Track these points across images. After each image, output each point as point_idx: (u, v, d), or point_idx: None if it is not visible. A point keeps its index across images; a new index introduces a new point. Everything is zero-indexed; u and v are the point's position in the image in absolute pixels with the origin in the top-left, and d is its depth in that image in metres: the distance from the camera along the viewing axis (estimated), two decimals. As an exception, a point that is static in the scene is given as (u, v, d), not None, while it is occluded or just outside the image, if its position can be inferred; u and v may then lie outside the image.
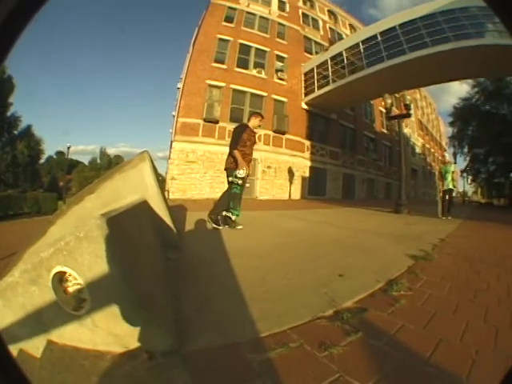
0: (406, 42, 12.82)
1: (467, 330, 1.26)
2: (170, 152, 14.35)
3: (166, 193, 12.80)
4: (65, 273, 0.99)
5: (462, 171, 28.45)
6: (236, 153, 3.79)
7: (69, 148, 19.97)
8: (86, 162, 52.95)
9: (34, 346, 1.06)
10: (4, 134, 24.96)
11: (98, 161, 52.67)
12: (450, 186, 7.31)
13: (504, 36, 10.20)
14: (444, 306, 1.52)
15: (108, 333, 1.02)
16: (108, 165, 49.24)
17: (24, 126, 26.34)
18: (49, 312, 1.02)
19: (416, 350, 1.08)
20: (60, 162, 44.48)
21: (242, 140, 3.85)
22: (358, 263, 2.34)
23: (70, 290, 1.01)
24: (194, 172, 13.76)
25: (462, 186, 30.71)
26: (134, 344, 1.02)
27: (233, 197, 3.98)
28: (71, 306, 1.01)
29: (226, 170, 4.06)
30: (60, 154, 46.78)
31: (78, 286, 1.00)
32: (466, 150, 26.64)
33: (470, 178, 28.61)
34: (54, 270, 0.98)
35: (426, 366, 0.99)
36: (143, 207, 2.03)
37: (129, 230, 1.31)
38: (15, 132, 25.59)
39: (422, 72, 13.15)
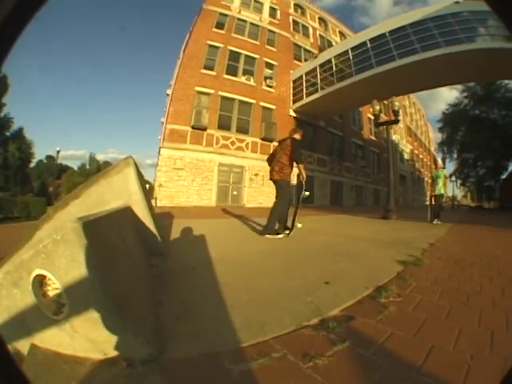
0: (396, 48, 12.98)
1: (461, 335, 1.23)
2: (158, 159, 14.20)
3: (153, 200, 12.59)
4: (44, 276, 0.99)
5: (451, 175, 29.20)
6: (302, 167, 4.01)
7: (58, 152, 19.64)
8: (76, 168, 52.49)
9: (20, 349, 1.04)
10: None
11: (87, 166, 52.11)
12: (442, 192, 7.41)
13: (495, 39, 10.49)
14: (435, 312, 1.49)
15: (86, 339, 1.01)
16: (97, 170, 48.76)
17: (16, 128, 25.95)
18: (31, 315, 1.02)
19: (407, 358, 1.05)
20: (50, 166, 43.87)
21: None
22: (345, 270, 2.32)
23: (50, 293, 1.01)
24: (182, 179, 13.62)
25: (452, 190, 31.50)
26: (113, 351, 1.00)
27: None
28: (51, 310, 1.01)
29: (276, 180, 4.16)
30: (50, 158, 46.21)
31: (58, 291, 0.99)
32: (455, 155, 27.40)
33: (460, 182, 29.38)
34: (34, 273, 0.98)
35: (418, 374, 0.95)
36: (126, 213, 2.02)
37: (108, 235, 1.30)
38: (7, 133, 25.19)
39: (412, 78, 13.31)
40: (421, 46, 12.19)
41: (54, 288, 1.00)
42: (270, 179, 4.27)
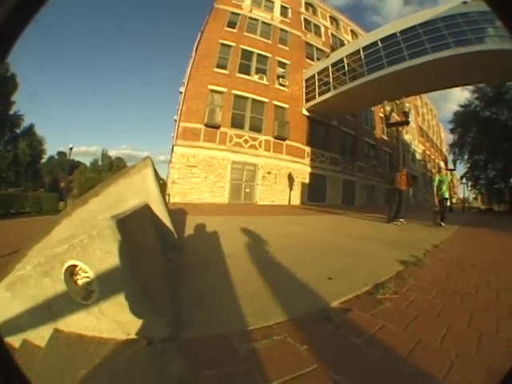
0: (407, 48, 12.95)
1: (448, 334, 1.31)
2: (172, 156, 14.56)
3: (166, 197, 13.01)
4: (76, 266, 1.13)
5: (462, 177, 28.95)
6: None
7: (71, 149, 20.14)
8: (88, 164, 53.28)
9: (39, 336, 1.18)
10: (6, 132, 25.42)
11: (100, 162, 52.95)
12: (446, 196, 7.58)
13: (505, 40, 10.35)
14: (428, 310, 1.59)
15: (113, 320, 1.15)
16: (109, 166, 49.63)
17: (26, 125, 26.77)
18: (59, 302, 1.16)
19: (394, 349, 1.16)
20: (61, 162, 44.77)
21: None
22: (348, 267, 2.46)
23: (80, 282, 1.15)
24: (195, 176, 13.97)
25: (462, 192, 31.18)
26: (136, 331, 1.15)
27: None
28: (81, 296, 1.15)
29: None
30: (61, 154, 47.08)
31: (88, 279, 1.14)
32: (466, 156, 27.20)
33: (470, 184, 29.11)
34: (67, 264, 1.12)
35: (402, 365, 1.06)
36: (145, 211, 2.16)
37: (134, 232, 1.43)
38: (17, 131, 26.07)
39: (423, 79, 13.27)
40: (431, 47, 12.19)
41: (84, 277, 1.14)
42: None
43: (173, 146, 14.45)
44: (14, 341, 1.18)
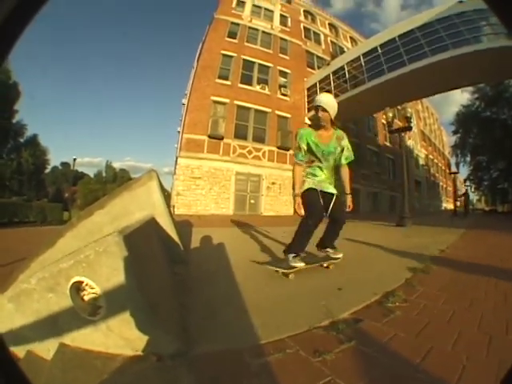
0: (406, 53, 13.17)
1: (459, 338, 1.33)
2: (176, 167, 14.95)
3: (171, 208, 13.39)
4: (82, 282, 1.14)
5: (465, 180, 29.67)
6: None
7: (74, 160, 20.73)
8: (92, 175, 54.23)
9: (44, 349, 1.20)
10: (9, 140, 25.96)
11: (104, 174, 53.71)
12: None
13: (500, 37, 10.58)
14: (438, 316, 1.61)
15: (120, 337, 1.16)
16: (114, 178, 50.38)
17: (30, 135, 27.36)
18: (64, 317, 1.16)
19: (406, 356, 1.17)
20: (65, 173, 45.58)
21: None
22: (357, 277, 2.50)
23: (87, 297, 1.16)
24: (200, 188, 14.35)
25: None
26: (144, 347, 1.16)
27: None
28: (87, 312, 1.16)
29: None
30: (65, 164, 47.83)
31: (94, 295, 1.15)
32: (468, 158, 27.94)
33: (474, 186, 29.80)
34: (73, 280, 1.13)
35: (415, 372, 1.07)
36: (151, 224, 2.19)
37: (141, 246, 1.45)
38: (21, 140, 26.67)
39: (423, 83, 13.45)
40: (430, 50, 12.39)
41: (91, 292, 1.15)
42: None
43: (176, 158, 14.85)
44: (18, 351, 1.20)
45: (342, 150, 2.67)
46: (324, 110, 2.46)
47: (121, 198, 2.27)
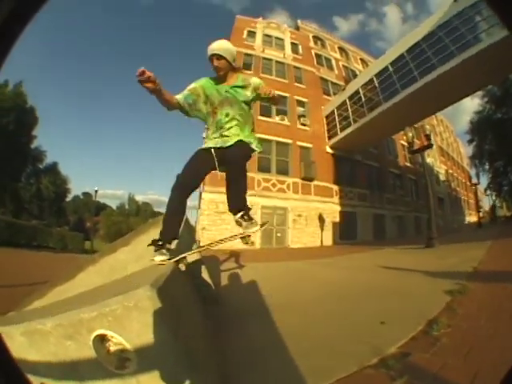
0: (416, 67, 13.16)
1: (504, 354, 1.38)
2: (200, 202, 15.09)
3: (196, 243, 13.38)
4: (106, 335, 1.05)
5: (486, 189, 29.05)
6: None
7: (96, 191, 21.29)
8: (114, 206, 55.54)
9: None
10: (28, 165, 26.92)
11: (127, 206, 55.02)
12: None
13: (496, 29, 10.29)
14: (481, 336, 1.67)
15: None
16: (136, 211, 51.50)
17: (50, 162, 28.33)
18: (86, 366, 1.08)
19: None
20: (87, 202, 46.74)
21: None
22: (397, 307, 2.48)
23: (113, 349, 1.07)
24: (225, 223, 14.38)
25: (488, 203, 31.10)
26: None
27: None
28: (114, 364, 1.07)
29: None
30: (87, 195, 49.26)
31: (121, 346, 1.06)
32: (487, 166, 27.47)
33: (495, 193, 29.14)
34: (96, 333, 1.04)
35: None
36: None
37: (174, 295, 1.36)
38: (40, 166, 27.69)
39: (436, 96, 13.32)
40: (437, 60, 12.35)
41: (117, 344, 1.06)
42: None
43: (200, 193, 15.06)
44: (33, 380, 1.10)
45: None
46: (219, 56, 2.00)
47: (147, 235, 2.16)
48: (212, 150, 2.05)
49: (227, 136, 2.06)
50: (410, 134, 9.68)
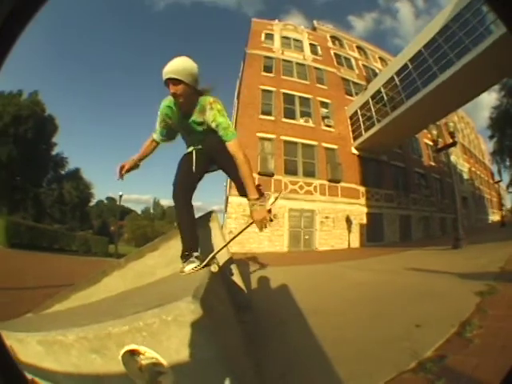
0: (434, 63, 13.05)
1: None
2: (226, 206, 15.26)
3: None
4: (139, 351, 0.96)
5: (508, 186, 28.30)
6: None
7: (121, 196, 21.81)
8: (139, 211, 56.66)
9: None
10: (49, 171, 27.76)
11: (152, 211, 56.08)
12: None
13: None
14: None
15: None
16: (162, 215, 52.43)
17: (72, 168, 29.16)
18: (113, 380, 1.01)
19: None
20: (111, 207, 47.89)
21: None
22: (429, 310, 2.48)
23: (145, 364, 0.99)
24: (253, 226, 14.52)
25: (511, 201, 30.29)
26: None
27: None
28: (145, 380, 0.99)
29: None
30: (111, 199, 50.50)
31: (155, 361, 0.97)
32: (508, 162, 26.76)
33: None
34: (128, 348, 0.95)
35: None
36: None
37: (215, 305, 1.28)
38: (62, 172, 28.62)
39: (455, 92, 13.19)
40: (455, 55, 12.21)
41: (150, 360, 0.98)
42: None
43: (227, 197, 15.22)
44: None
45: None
46: (176, 81, 1.68)
47: (176, 239, 2.05)
48: (193, 151, 2.02)
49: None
50: (434, 132, 9.50)
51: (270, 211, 1.92)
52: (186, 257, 1.82)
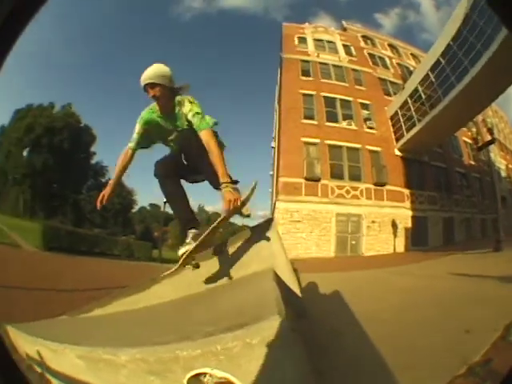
0: (464, 56, 12.90)
1: None
2: (273, 211, 15.58)
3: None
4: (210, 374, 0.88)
5: None
6: None
7: (165, 203, 22.60)
8: None
9: None
10: (89, 178, 29.17)
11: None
12: None
13: None
14: None
15: None
16: (207, 221, 53.55)
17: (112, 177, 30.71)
18: None
19: None
20: (154, 213, 49.12)
21: None
22: (477, 315, 2.55)
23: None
24: (300, 231, 14.72)
25: None
26: None
27: None
28: None
29: None
30: (154, 206, 52.07)
31: (223, 380, 0.88)
32: None
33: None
34: (197, 371, 0.88)
35: None
36: (276, 280, 1.97)
37: (293, 318, 1.23)
38: (102, 179, 30.06)
39: (488, 84, 12.71)
40: (481, 45, 11.95)
41: (218, 379, 0.87)
42: None
43: (274, 202, 15.55)
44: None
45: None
46: (153, 84, 1.90)
47: (233, 247, 2.04)
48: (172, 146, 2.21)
49: None
50: (474, 129, 9.45)
51: (244, 203, 1.99)
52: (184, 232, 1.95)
